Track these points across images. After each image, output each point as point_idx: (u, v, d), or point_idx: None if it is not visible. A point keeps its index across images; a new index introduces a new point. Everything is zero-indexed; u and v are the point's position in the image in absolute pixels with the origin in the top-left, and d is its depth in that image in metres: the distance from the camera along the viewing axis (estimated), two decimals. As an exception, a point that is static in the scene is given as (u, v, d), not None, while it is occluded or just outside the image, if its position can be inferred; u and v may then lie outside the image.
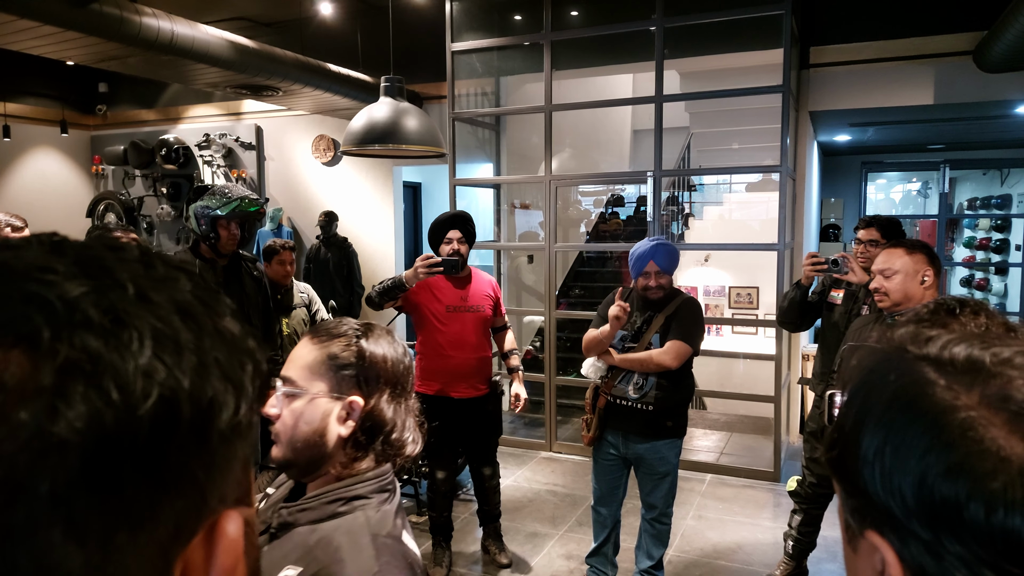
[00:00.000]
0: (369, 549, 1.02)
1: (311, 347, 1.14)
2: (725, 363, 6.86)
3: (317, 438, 1.08)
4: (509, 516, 4.33)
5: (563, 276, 7.98)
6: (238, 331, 0.38)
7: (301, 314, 4.24)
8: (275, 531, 1.08)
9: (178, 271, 0.38)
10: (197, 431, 0.33)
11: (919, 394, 0.44)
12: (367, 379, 1.11)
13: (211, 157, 7.29)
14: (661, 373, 2.97)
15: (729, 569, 3.69)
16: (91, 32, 4.12)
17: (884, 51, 5.18)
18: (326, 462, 1.10)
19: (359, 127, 3.98)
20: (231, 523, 0.36)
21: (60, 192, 7.95)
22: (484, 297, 3.46)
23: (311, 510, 1.08)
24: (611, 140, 9.64)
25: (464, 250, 3.39)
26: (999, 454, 0.40)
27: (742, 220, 8.36)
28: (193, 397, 0.33)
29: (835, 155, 9.41)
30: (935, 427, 0.42)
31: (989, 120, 6.78)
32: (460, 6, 5.65)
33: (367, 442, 1.11)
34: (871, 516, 0.45)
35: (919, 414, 0.43)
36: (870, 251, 3.21)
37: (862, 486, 0.45)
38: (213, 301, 0.38)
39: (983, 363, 0.44)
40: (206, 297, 0.37)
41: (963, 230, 10.67)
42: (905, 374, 0.46)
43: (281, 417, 1.09)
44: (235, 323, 0.38)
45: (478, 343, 3.41)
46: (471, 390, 3.41)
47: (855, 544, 0.48)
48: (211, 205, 3.23)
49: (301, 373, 1.11)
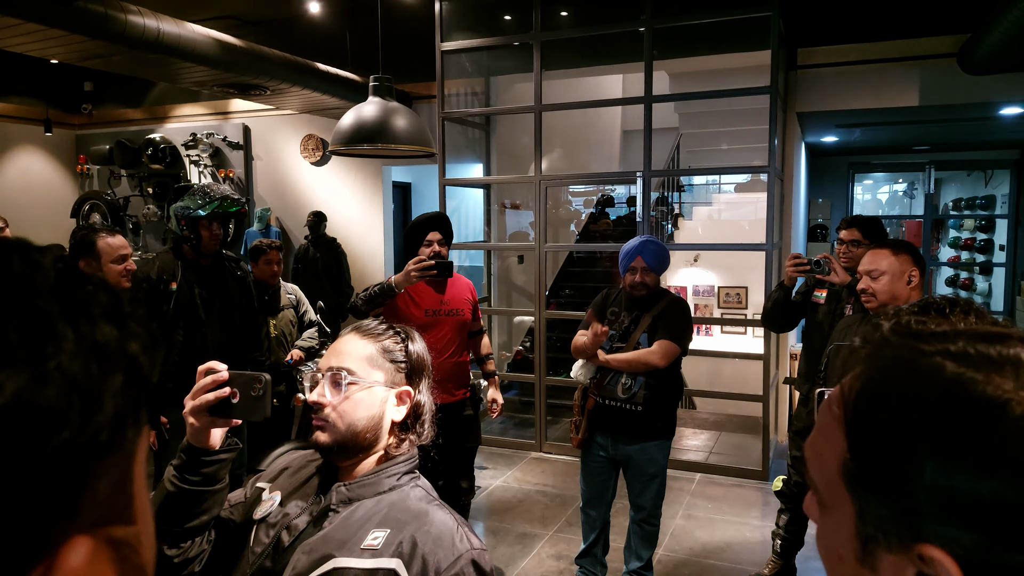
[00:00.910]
0: (441, 509, 1.21)
1: (363, 341, 1.27)
2: (714, 363, 6.88)
3: (376, 422, 1.23)
4: (499, 517, 4.32)
5: (553, 276, 7.99)
6: (110, 335, 0.34)
7: (289, 315, 4.21)
8: (334, 507, 1.20)
9: (37, 265, 0.33)
10: (22, 449, 0.29)
11: (963, 392, 0.42)
12: (413, 371, 1.28)
13: (198, 157, 7.24)
14: (649, 373, 2.97)
15: (718, 568, 3.70)
16: (75, 30, 4.07)
17: (870, 53, 5.22)
18: (377, 444, 1.25)
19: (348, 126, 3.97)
20: (74, 553, 0.32)
21: (44, 192, 7.87)
22: (464, 301, 3.37)
23: (371, 485, 1.22)
24: (601, 140, 9.65)
25: (444, 252, 3.29)
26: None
27: (731, 220, 8.40)
28: (16, 411, 0.29)
29: (822, 156, 9.48)
30: (991, 422, 0.40)
31: (973, 122, 6.85)
32: (450, 6, 5.64)
33: (412, 426, 1.28)
34: (924, 528, 0.42)
35: (971, 412, 0.41)
36: (852, 251, 3.23)
37: (913, 497, 0.42)
38: (83, 300, 0.33)
39: (1017, 356, 0.43)
40: (74, 296, 0.33)
41: (948, 230, 10.78)
42: (934, 373, 0.43)
43: (338, 405, 1.21)
44: (109, 326, 0.34)
45: (456, 347, 3.32)
46: (446, 395, 3.27)
47: (874, 559, 0.45)
48: (191, 206, 3.19)
49: (360, 364, 1.24)
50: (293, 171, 7.11)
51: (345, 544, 1.14)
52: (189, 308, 3.21)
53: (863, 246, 3.17)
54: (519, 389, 6.74)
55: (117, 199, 7.69)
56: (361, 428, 1.21)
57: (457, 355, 3.33)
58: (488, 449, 5.45)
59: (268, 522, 1.22)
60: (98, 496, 0.33)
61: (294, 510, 1.22)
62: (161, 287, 3.16)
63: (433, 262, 3.08)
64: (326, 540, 1.16)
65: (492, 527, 4.20)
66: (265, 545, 1.20)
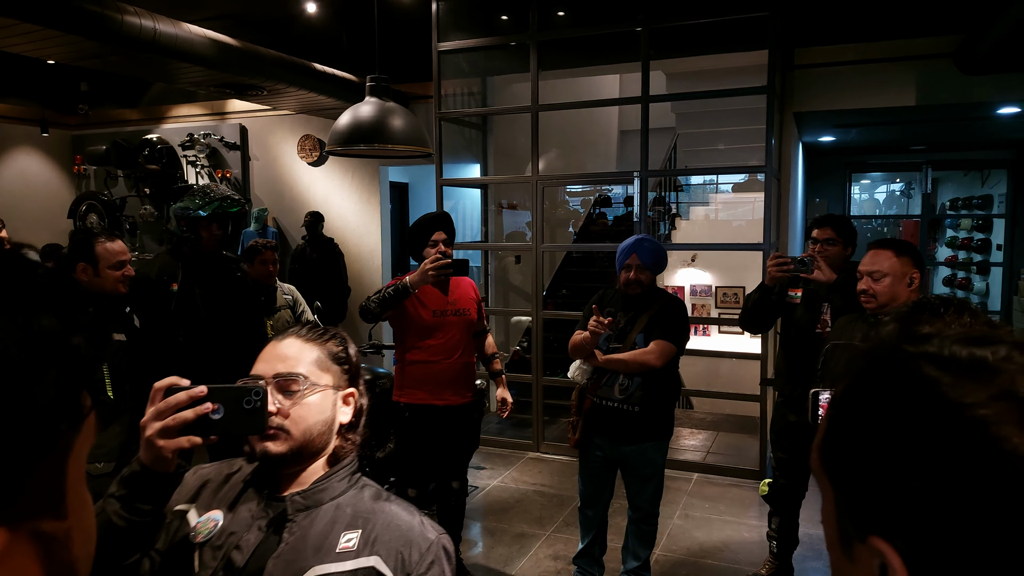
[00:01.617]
0: (397, 504, 1.22)
1: (308, 345, 1.24)
2: (712, 362, 6.89)
3: (329, 426, 1.22)
4: (496, 517, 4.32)
5: (550, 276, 7.99)
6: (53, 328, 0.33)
7: (286, 315, 4.21)
8: (291, 519, 1.16)
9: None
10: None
11: (927, 394, 0.42)
12: (355, 373, 1.28)
13: (195, 157, 7.23)
14: (646, 374, 2.96)
15: (715, 568, 3.70)
16: (71, 30, 4.06)
17: (867, 53, 5.23)
18: (327, 447, 1.23)
19: (345, 126, 3.97)
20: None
21: (41, 192, 7.85)
22: (469, 300, 3.36)
23: (327, 490, 1.20)
24: (598, 140, 9.66)
25: (449, 252, 3.27)
26: (1015, 452, 0.38)
27: (728, 220, 8.41)
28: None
29: (819, 156, 9.49)
30: (948, 427, 0.41)
31: (970, 121, 6.87)
32: (446, 6, 5.64)
33: (356, 427, 1.27)
34: (875, 521, 0.43)
35: (929, 414, 0.42)
36: (827, 250, 3.22)
37: (866, 490, 0.43)
38: (20, 290, 0.33)
39: (986, 360, 0.43)
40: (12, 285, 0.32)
41: (945, 230, 10.80)
42: (907, 374, 0.44)
43: (290, 411, 1.18)
44: (52, 319, 0.33)
45: (464, 348, 3.30)
46: (457, 397, 3.29)
47: (850, 550, 0.46)
48: (190, 207, 3.19)
49: (310, 369, 1.21)
50: (290, 171, 7.10)
51: (319, 550, 1.12)
52: (190, 309, 3.21)
53: (837, 244, 3.21)
54: (516, 389, 6.73)
55: (114, 200, 7.67)
56: (316, 433, 1.20)
57: (467, 355, 3.32)
58: (485, 449, 5.45)
59: (212, 544, 1.14)
60: (26, 489, 0.33)
61: (238, 527, 1.16)
62: (162, 288, 3.15)
63: (450, 260, 3.04)
64: (297, 551, 1.12)
65: (489, 527, 4.19)
66: (213, 568, 1.12)
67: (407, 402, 3.26)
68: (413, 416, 3.26)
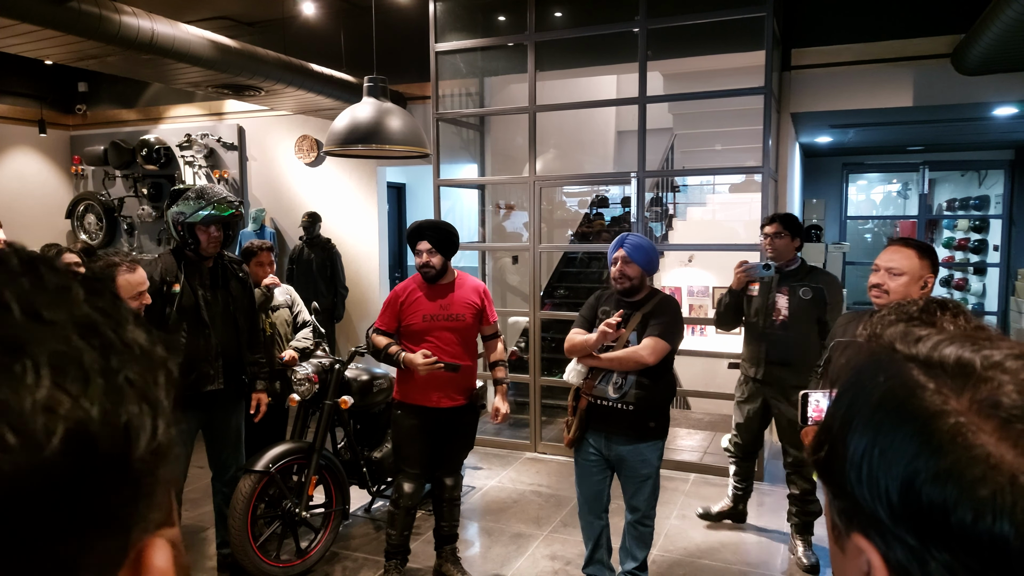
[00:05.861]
0: None
1: None
2: (709, 363, 6.88)
3: None
4: (494, 517, 4.32)
5: (548, 277, 7.99)
6: (145, 339, 0.33)
7: (284, 315, 4.21)
8: None
9: (69, 277, 0.32)
10: (115, 464, 0.29)
11: (908, 397, 0.43)
12: None
13: (193, 157, 7.23)
14: (641, 372, 2.97)
15: (712, 568, 3.71)
16: (69, 30, 4.06)
17: (864, 53, 5.24)
18: None
19: (342, 127, 3.97)
20: (158, 554, 0.33)
21: (39, 193, 7.84)
22: (466, 306, 3.34)
23: None
24: (595, 141, 9.66)
25: (437, 261, 3.26)
26: (988, 461, 0.39)
27: (725, 221, 8.41)
28: (106, 427, 0.29)
29: (816, 156, 9.51)
30: (924, 432, 0.41)
31: (967, 122, 6.88)
32: (444, 6, 5.64)
33: None
34: (857, 518, 0.44)
35: (907, 418, 0.42)
36: (775, 243, 3.74)
37: (849, 488, 0.44)
38: (114, 309, 0.33)
39: (973, 366, 0.43)
40: (107, 305, 0.32)
41: (942, 231, 10.82)
42: (894, 376, 0.44)
43: None
44: (141, 330, 0.34)
45: (455, 353, 3.28)
46: (447, 400, 3.29)
47: (842, 544, 0.47)
48: (185, 211, 3.18)
49: None
50: (288, 172, 7.10)
51: None
52: (192, 310, 3.21)
53: (784, 236, 3.72)
54: (514, 389, 6.74)
55: (111, 200, 7.67)
56: None
57: (462, 360, 3.31)
58: (483, 449, 5.45)
59: None
60: (159, 500, 0.33)
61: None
62: (164, 289, 3.16)
63: (437, 360, 3.18)
64: None
65: (487, 527, 4.20)
66: None
67: (399, 399, 3.36)
68: (404, 412, 3.34)
